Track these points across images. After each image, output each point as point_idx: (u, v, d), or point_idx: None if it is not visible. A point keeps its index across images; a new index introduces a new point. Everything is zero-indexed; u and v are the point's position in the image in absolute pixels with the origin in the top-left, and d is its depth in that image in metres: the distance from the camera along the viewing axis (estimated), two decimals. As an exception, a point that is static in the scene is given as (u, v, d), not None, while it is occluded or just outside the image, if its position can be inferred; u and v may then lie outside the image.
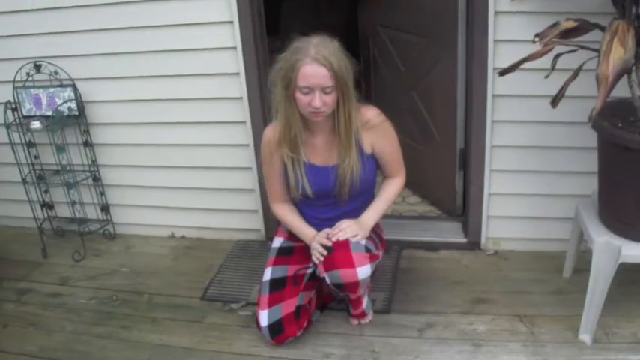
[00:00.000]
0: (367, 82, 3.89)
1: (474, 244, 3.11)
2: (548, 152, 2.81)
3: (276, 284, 2.53)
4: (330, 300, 2.76)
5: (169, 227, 3.53)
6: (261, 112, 3.06)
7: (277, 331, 2.48)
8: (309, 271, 2.57)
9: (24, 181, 3.36)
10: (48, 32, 3.15)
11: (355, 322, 2.65)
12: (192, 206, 3.42)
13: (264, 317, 2.48)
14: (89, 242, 3.45)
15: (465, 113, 2.99)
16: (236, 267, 3.16)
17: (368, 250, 2.36)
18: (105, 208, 3.50)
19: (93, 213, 3.52)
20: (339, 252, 2.30)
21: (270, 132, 2.42)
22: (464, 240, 3.14)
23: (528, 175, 2.89)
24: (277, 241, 2.68)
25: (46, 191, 3.53)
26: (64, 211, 3.55)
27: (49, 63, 3.17)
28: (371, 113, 2.38)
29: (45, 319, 2.87)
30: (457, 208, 3.26)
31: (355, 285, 2.32)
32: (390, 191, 2.54)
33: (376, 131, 2.38)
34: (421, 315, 2.66)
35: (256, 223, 3.37)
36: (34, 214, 3.43)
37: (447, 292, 2.80)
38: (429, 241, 3.17)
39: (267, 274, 2.57)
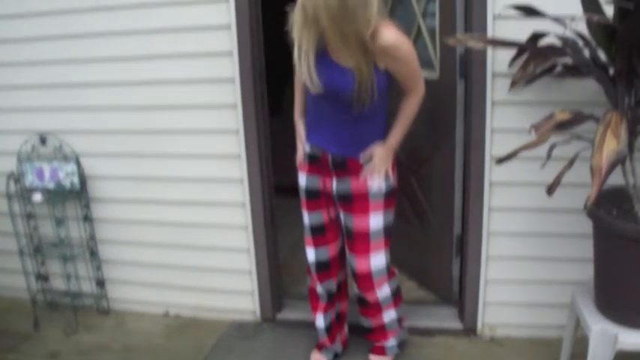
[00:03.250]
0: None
1: (469, 330, 3.09)
2: (545, 239, 2.84)
3: (317, 230, 2.71)
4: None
5: (164, 305, 3.50)
6: (260, 196, 3.12)
7: (324, 268, 2.75)
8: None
9: (20, 252, 3.37)
10: (55, 107, 3.25)
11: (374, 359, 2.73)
12: (187, 285, 3.41)
13: (312, 254, 2.75)
14: (82, 316, 3.42)
15: (462, 200, 3.04)
16: (229, 348, 3.12)
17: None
18: (100, 283, 3.48)
19: (88, 287, 3.49)
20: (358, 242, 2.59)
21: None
22: (460, 326, 3.12)
23: (525, 261, 2.91)
24: (302, 178, 2.70)
25: (42, 263, 3.51)
26: (58, 284, 3.53)
27: (55, 137, 3.23)
28: (386, 36, 2.24)
29: (32, 393, 2.82)
30: (453, 294, 3.26)
31: (368, 277, 2.61)
32: (407, 109, 2.48)
33: (387, 55, 2.28)
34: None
35: (252, 304, 3.35)
36: (28, 285, 3.42)
37: (442, 379, 2.77)
38: (424, 326, 3.14)
39: (306, 219, 2.73)
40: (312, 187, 2.65)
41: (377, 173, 2.50)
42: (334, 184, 2.57)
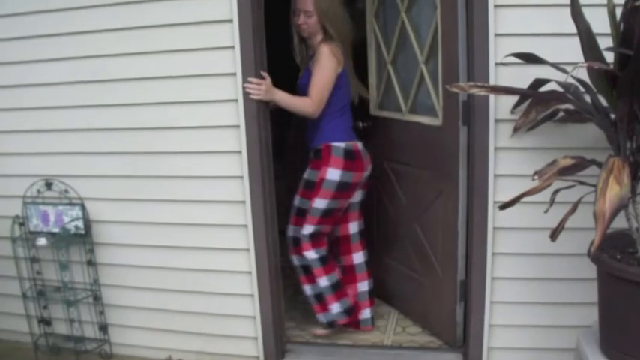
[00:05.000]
0: (370, 215, 3.89)
1: (474, 376, 3.06)
2: (549, 283, 2.84)
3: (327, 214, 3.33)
4: None
5: (167, 350, 3.46)
6: (264, 241, 3.13)
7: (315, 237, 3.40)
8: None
9: (24, 296, 3.36)
10: (60, 152, 3.29)
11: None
12: (191, 330, 3.39)
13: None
14: (84, 361, 3.39)
15: (465, 245, 3.04)
16: (232, 393, 3.10)
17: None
18: (103, 327, 3.46)
19: (91, 331, 3.47)
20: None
21: None
22: (465, 372, 3.10)
23: (529, 306, 2.90)
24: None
25: (45, 307, 3.50)
26: (61, 328, 3.50)
27: (60, 182, 3.26)
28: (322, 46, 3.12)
29: None
30: (458, 339, 3.23)
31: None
32: (298, 99, 3.17)
33: (316, 57, 3.14)
34: None
35: (255, 350, 3.32)
36: (30, 329, 3.40)
37: None
38: (429, 372, 3.13)
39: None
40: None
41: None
42: None
